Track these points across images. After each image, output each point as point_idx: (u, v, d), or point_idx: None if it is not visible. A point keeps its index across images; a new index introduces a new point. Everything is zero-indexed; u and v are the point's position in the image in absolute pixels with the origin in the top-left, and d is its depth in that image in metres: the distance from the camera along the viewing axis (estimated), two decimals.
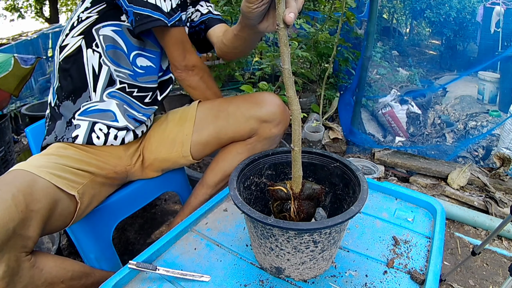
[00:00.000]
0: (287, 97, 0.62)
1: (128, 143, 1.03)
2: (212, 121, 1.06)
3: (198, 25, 1.12)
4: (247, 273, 0.72)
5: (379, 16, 2.93)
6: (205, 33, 1.12)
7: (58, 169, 0.82)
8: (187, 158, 1.08)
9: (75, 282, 0.78)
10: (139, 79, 0.98)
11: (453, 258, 1.31)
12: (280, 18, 0.57)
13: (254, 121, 1.01)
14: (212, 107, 1.09)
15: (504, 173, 1.60)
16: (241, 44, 0.93)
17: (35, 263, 0.69)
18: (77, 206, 0.83)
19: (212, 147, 1.09)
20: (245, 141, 1.06)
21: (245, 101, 1.04)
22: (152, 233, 1.45)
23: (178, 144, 1.07)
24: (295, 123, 0.63)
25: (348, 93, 2.25)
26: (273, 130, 1.02)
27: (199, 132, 1.06)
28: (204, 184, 1.12)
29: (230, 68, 2.44)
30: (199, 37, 1.14)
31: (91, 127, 0.96)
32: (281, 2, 0.57)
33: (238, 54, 1.06)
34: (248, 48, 1.01)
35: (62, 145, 0.93)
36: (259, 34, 0.89)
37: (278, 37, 0.59)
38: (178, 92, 2.88)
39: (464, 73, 2.72)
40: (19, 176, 0.72)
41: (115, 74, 0.95)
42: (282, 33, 0.58)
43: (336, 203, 0.81)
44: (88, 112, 0.95)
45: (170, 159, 1.08)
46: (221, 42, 1.01)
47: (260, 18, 0.72)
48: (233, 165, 1.02)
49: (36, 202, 0.69)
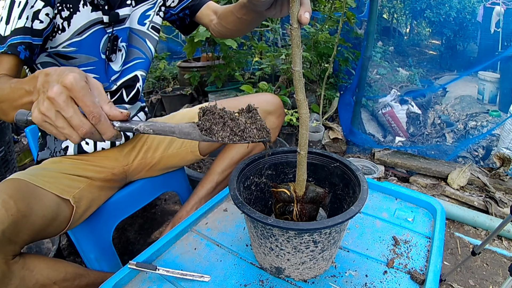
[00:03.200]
0: (296, 101, 0.61)
1: (120, 145, 1.03)
2: None
3: (181, 11, 1.06)
4: (247, 273, 0.72)
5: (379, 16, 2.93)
6: (191, 18, 1.07)
7: (52, 176, 0.83)
8: (195, 153, 1.12)
9: (68, 283, 0.78)
10: None
11: (453, 258, 1.31)
12: (295, 17, 0.55)
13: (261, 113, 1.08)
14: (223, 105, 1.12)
15: (504, 173, 1.60)
16: (245, 27, 0.93)
17: (25, 264, 0.69)
18: (73, 210, 0.83)
19: None
20: None
21: (253, 99, 1.13)
22: (152, 233, 1.44)
23: (187, 140, 1.09)
24: (303, 127, 0.62)
25: (348, 93, 2.25)
26: (275, 121, 1.12)
27: None
28: (212, 171, 1.14)
29: (230, 68, 2.44)
30: (184, 23, 1.09)
31: None
32: (296, 1, 0.54)
33: (239, 34, 1.03)
34: (251, 29, 1.01)
35: (57, 159, 0.95)
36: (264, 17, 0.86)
37: (291, 37, 0.56)
38: (178, 92, 2.88)
39: (464, 73, 2.71)
40: (11, 184, 0.72)
41: None
42: (295, 33, 0.56)
43: (336, 203, 0.81)
44: None
45: (178, 155, 1.11)
46: (219, 25, 0.98)
47: (269, 5, 0.69)
48: (239, 152, 1.13)
49: (28, 208, 0.69)
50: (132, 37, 0.98)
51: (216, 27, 1.01)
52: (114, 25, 0.91)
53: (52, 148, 0.96)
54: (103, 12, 0.88)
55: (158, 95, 2.95)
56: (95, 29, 0.87)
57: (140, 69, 1.02)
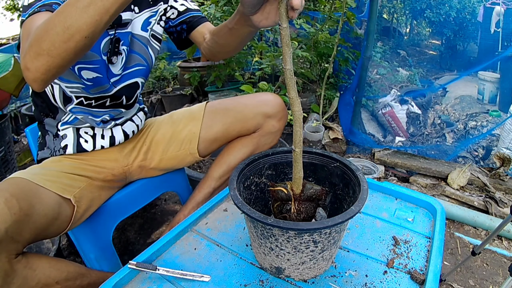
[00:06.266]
0: (288, 98, 0.62)
1: (120, 144, 1.03)
2: (221, 119, 1.10)
3: (179, 25, 1.05)
4: (247, 273, 0.72)
5: (379, 16, 2.93)
6: (187, 33, 1.06)
7: (53, 175, 0.83)
8: (194, 155, 1.11)
9: (70, 282, 0.78)
10: (91, 91, 0.91)
11: (453, 258, 1.31)
12: (283, 17, 0.56)
13: (260, 117, 1.08)
14: (221, 106, 1.13)
15: (504, 173, 1.60)
16: (234, 40, 0.90)
17: (28, 264, 0.70)
18: (74, 210, 0.83)
19: (220, 143, 1.14)
20: (250, 136, 1.12)
21: (252, 100, 1.11)
22: (152, 233, 1.44)
23: (186, 142, 1.10)
24: (297, 124, 0.63)
25: (348, 93, 2.25)
26: (275, 124, 1.10)
27: (208, 129, 1.10)
28: (209, 177, 1.14)
29: (230, 68, 2.44)
30: (180, 37, 1.08)
31: (76, 133, 0.97)
32: (283, 0, 0.56)
33: (228, 52, 1.02)
34: (240, 45, 0.98)
35: (56, 158, 0.95)
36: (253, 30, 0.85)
37: (280, 36, 0.58)
38: (178, 92, 2.88)
39: (464, 73, 2.71)
40: (13, 183, 0.73)
41: (68, 91, 0.90)
42: (284, 33, 0.57)
43: (336, 203, 0.81)
44: (69, 122, 0.96)
45: (177, 157, 1.11)
46: (211, 40, 0.97)
47: (256, 7, 0.68)
48: (237, 158, 1.11)
49: (30, 207, 0.69)
50: (134, 42, 0.97)
51: (208, 44, 1.00)
52: (116, 27, 0.91)
53: (52, 147, 0.97)
54: None
55: (158, 95, 2.95)
56: None
57: (141, 76, 1.02)
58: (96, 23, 0.60)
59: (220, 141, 1.13)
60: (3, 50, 3.53)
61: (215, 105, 1.15)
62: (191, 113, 1.14)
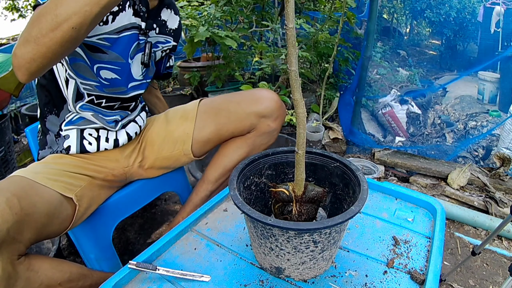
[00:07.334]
0: (293, 100, 0.61)
1: (123, 145, 1.03)
2: (213, 119, 1.08)
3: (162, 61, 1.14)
4: (247, 273, 0.72)
5: (379, 16, 2.92)
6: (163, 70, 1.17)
7: (55, 174, 0.83)
8: (188, 155, 1.10)
9: (73, 284, 0.78)
10: (106, 89, 0.93)
11: (453, 258, 1.31)
12: (290, 18, 0.55)
13: (254, 117, 1.05)
14: (213, 106, 1.11)
15: (504, 173, 1.60)
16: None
17: (30, 265, 0.69)
18: (76, 209, 0.83)
19: (213, 143, 1.12)
20: (245, 136, 1.09)
21: (245, 98, 1.08)
22: (152, 233, 1.44)
23: (179, 143, 1.08)
24: (300, 126, 0.62)
25: (348, 93, 2.25)
26: (271, 124, 1.06)
27: (201, 130, 1.08)
28: (205, 180, 1.13)
29: (230, 68, 2.44)
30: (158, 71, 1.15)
31: (80, 134, 0.96)
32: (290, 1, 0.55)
33: None
34: None
35: (58, 155, 0.95)
36: None
37: (286, 37, 0.57)
38: (178, 92, 2.88)
39: (464, 73, 2.71)
40: (15, 182, 0.72)
41: (81, 87, 0.90)
42: (290, 33, 0.56)
43: (336, 203, 0.81)
44: (73, 122, 0.95)
45: (172, 157, 1.10)
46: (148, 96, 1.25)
47: None
48: (233, 160, 1.08)
49: (31, 206, 0.69)
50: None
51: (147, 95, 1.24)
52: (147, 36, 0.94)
53: (55, 148, 0.96)
54: (142, 19, 0.90)
55: None
56: (131, 33, 0.89)
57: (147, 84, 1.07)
58: (85, 13, 0.61)
59: (214, 142, 1.11)
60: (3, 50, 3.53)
61: (208, 103, 1.12)
62: (185, 112, 1.12)
